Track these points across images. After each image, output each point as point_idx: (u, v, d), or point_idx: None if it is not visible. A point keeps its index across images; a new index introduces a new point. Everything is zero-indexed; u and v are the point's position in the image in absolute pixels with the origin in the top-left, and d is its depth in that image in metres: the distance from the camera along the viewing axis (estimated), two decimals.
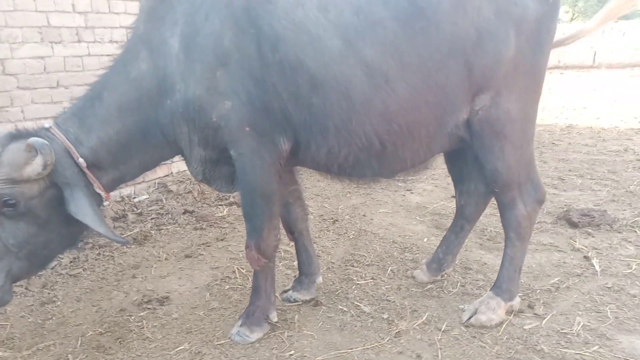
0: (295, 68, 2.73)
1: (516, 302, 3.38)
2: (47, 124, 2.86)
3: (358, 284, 3.88)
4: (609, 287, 3.73)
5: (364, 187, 5.90)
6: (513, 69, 2.93)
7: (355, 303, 3.60)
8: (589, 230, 4.76)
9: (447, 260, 3.81)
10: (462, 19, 2.77)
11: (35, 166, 2.60)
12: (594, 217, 4.93)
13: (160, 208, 5.37)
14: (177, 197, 5.67)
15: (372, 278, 3.97)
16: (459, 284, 3.83)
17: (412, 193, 5.99)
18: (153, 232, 4.86)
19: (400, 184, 6.17)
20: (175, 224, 5.08)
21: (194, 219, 5.22)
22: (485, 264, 4.19)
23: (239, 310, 3.55)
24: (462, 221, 3.73)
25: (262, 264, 3.18)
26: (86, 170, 2.81)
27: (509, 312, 3.36)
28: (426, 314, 3.42)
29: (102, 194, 2.94)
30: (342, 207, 5.56)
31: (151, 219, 5.16)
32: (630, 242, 4.53)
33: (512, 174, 3.11)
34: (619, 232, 4.74)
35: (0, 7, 4.36)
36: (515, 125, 3.03)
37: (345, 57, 2.70)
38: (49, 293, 3.83)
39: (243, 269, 4.15)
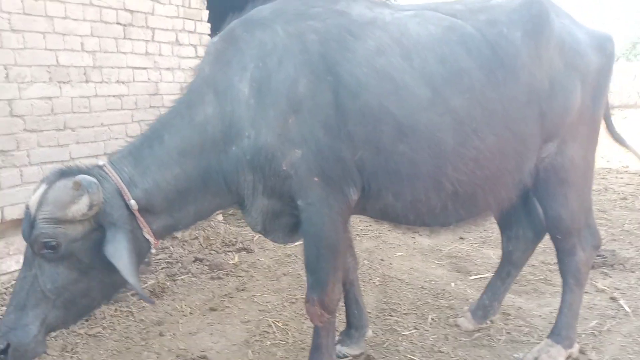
0: (379, 116, 2.66)
1: (575, 349, 3.36)
2: (101, 161, 2.63)
3: (403, 334, 3.75)
4: None
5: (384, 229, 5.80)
6: (578, 118, 3.00)
7: (409, 356, 3.47)
8: (605, 271, 4.88)
9: (494, 307, 3.77)
10: (537, 69, 2.82)
11: (81, 206, 2.37)
12: (606, 257, 5.06)
13: (168, 256, 5.06)
14: (183, 244, 5.38)
15: (415, 328, 3.85)
16: (504, 331, 3.78)
17: (420, 235, 5.96)
18: (168, 283, 4.54)
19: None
20: (188, 273, 4.79)
21: (207, 267, 4.94)
22: (520, 308, 4.17)
23: None
24: (510, 267, 3.71)
25: (325, 319, 3.00)
26: (137, 214, 2.57)
27: (569, 359, 3.33)
28: None
29: (151, 240, 2.68)
30: (358, 252, 5.40)
31: (162, 268, 4.84)
32: None
33: (574, 220, 3.15)
34: (633, 272, 4.88)
35: (10, 44, 4.07)
36: (578, 172, 3.08)
37: (434, 105, 2.67)
38: (71, 357, 3.47)
39: (278, 322, 3.93)
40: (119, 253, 2.41)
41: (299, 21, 2.75)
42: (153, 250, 2.75)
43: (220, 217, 6.18)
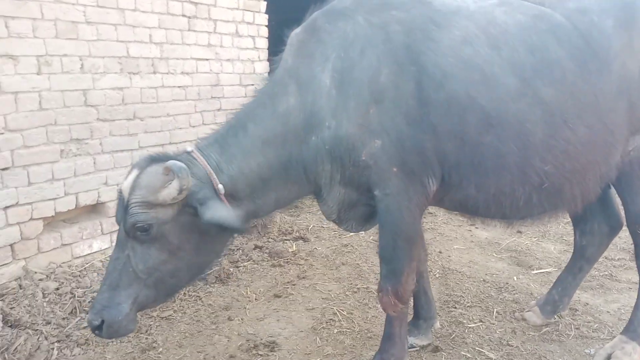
0: (465, 107, 2.64)
1: None
2: (189, 147, 2.72)
3: (469, 327, 3.74)
4: None
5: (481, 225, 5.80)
6: None
7: (477, 349, 3.46)
8: None
9: (564, 302, 3.72)
10: (629, 59, 2.75)
11: (172, 190, 2.45)
12: None
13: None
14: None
15: (481, 320, 3.84)
16: (573, 327, 3.73)
17: (476, 228, 5.91)
18: (232, 269, 4.65)
19: (461, 219, 6.08)
20: (250, 260, 4.88)
21: (267, 255, 5.03)
22: (587, 304, 4.10)
23: (356, 357, 3.40)
24: (582, 262, 3.65)
25: (398, 309, 3.03)
26: (223, 198, 2.62)
27: None
28: None
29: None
30: None
31: (224, 255, 4.95)
32: None
33: None
34: None
35: (85, 36, 4.21)
36: None
37: (523, 95, 2.63)
38: (146, 338, 3.61)
39: (343, 311, 3.98)
40: (219, 213, 2.50)
41: (381, 11, 2.76)
42: (235, 235, 2.83)
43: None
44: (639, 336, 3.24)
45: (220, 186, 2.61)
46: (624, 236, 5.41)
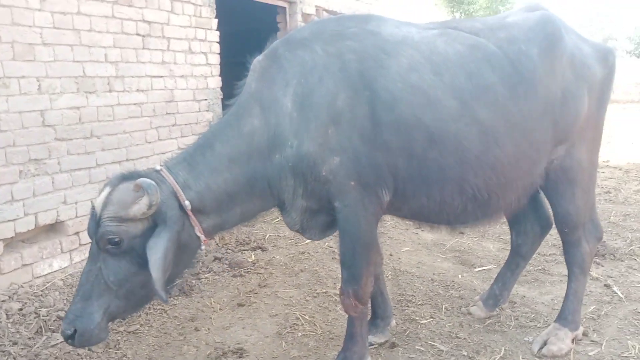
0: (413, 126, 2.95)
1: (580, 331, 3.72)
2: (158, 166, 2.92)
3: (421, 323, 4.07)
4: None
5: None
6: (585, 123, 3.35)
7: (429, 342, 3.79)
8: (597, 260, 5.27)
9: (504, 296, 4.11)
10: (552, 82, 3.15)
11: (141, 205, 2.63)
12: (598, 248, 5.45)
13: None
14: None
15: (431, 316, 4.18)
16: (513, 318, 4.13)
17: (422, 231, 6.30)
18: (194, 281, 4.79)
19: (408, 222, 6.46)
20: (211, 272, 5.03)
21: (227, 265, 5.19)
22: (524, 296, 4.53)
23: (321, 357, 3.63)
24: (518, 259, 4.06)
25: (359, 310, 3.30)
26: (190, 213, 2.83)
27: (573, 340, 3.69)
28: (502, 349, 3.67)
29: (202, 237, 2.94)
30: None
31: (193, 267, 5.06)
32: (635, 269, 5.08)
33: (580, 216, 3.50)
34: (622, 261, 5.30)
35: (42, 57, 4.25)
36: (585, 172, 3.43)
37: (462, 116, 2.98)
38: (116, 353, 3.69)
39: (305, 315, 4.21)
40: (156, 248, 2.63)
41: (337, 41, 3.04)
42: (203, 247, 3.01)
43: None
44: (569, 323, 3.66)
45: (186, 202, 2.81)
46: (554, 233, 5.97)
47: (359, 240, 3.17)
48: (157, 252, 2.62)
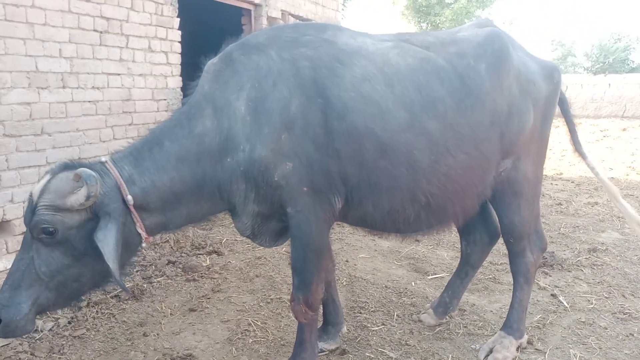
0: (363, 135, 2.99)
1: (524, 339, 3.82)
2: (103, 158, 2.85)
3: (373, 330, 4.11)
4: (583, 322, 4.33)
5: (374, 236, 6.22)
6: (530, 137, 3.46)
7: (380, 349, 3.83)
8: (545, 270, 5.44)
9: (453, 304, 4.19)
10: (499, 96, 3.25)
11: (79, 196, 2.58)
12: (546, 259, 5.63)
13: (141, 259, 5.19)
14: (155, 247, 5.51)
15: (383, 323, 4.22)
16: (462, 326, 4.22)
17: (379, 238, 6.36)
18: (145, 285, 4.69)
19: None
20: (163, 276, 4.95)
21: (180, 270, 5.12)
22: (474, 305, 4.63)
23: None
24: (467, 268, 4.15)
25: (309, 316, 3.31)
26: (132, 209, 2.78)
27: (518, 348, 3.79)
28: (448, 356, 3.74)
29: (143, 234, 2.88)
30: None
31: (137, 271, 4.97)
32: (581, 279, 5.26)
33: (525, 227, 3.61)
34: (569, 271, 5.47)
35: None
36: (530, 185, 3.54)
37: (412, 127, 3.03)
38: (59, 358, 3.59)
39: (257, 321, 4.19)
40: (107, 240, 2.59)
41: (292, 48, 3.04)
42: (144, 245, 2.95)
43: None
44: (514, 331, 3.76)
45: (129, 197, 2.77)
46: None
47: (310, 247, 3.18)
48: (109, 243, 2.57)
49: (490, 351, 3.71)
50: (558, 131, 16.05)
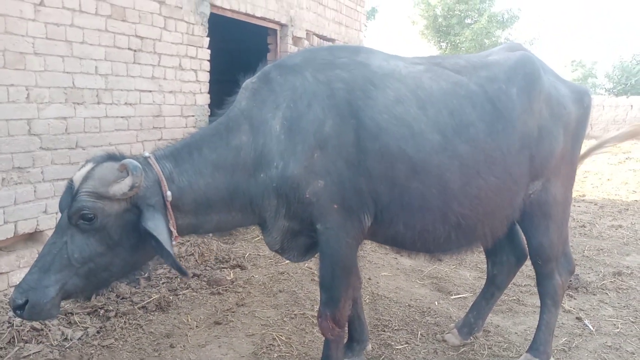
0: (396, 156, 3.04)
1: None
2: (146, 153, 2.97)
3: (397, 348, 4.11)
4: (609, 346, 4.28)
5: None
6: (560, 160, 3.48)
7: None
8: (570, 293, 5.40)
9: (479, 324, 4.18)
10: (530, 119, 3.28)
11: (123, 186, 2.66)
12: (571, 282, 5.58)
13: (167, 271, 5.27)
14: (180, 260, 5.59)
15: (407, 342, 4.22)
16: (486, 347, 4.20)
17: (401, 256, 6.37)
18: (172, 297, 4.77)
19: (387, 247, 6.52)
20: (188, 288, 5.02)
21: (205, 283, 5.19)
22: (498, 326, 4.61)
23: None
24: (494, 289, 4.15)
25: (336, 333, 3.34)
26: (168, 205, 2.86)
27: None
28: None
29: (174, 232, 2.93)
30: None
31: (163, 283, 5.06)
32: (606, 303, 5.20)
33: (554, 249, 3.61)
34: (594, 294, 5.42)
35: (32, 67, 4.28)
36: (559, 207, 3.55)
37: (444, 149, 3.08)
38: None
39: (281, 336, 4.22)
40: (159, 229, 2.70)
41: (327, 70, 3.13)
42: (173, 243, 2.97)
43: (211, 234, 6.42)
44: (541, 353, 3.74)
45: (168, 193, 2.85)
46: (529, 264, 6.08)
47: (339, 264, 3.22)
48: (162, 231, 2.69)
49: None
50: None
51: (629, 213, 9.31)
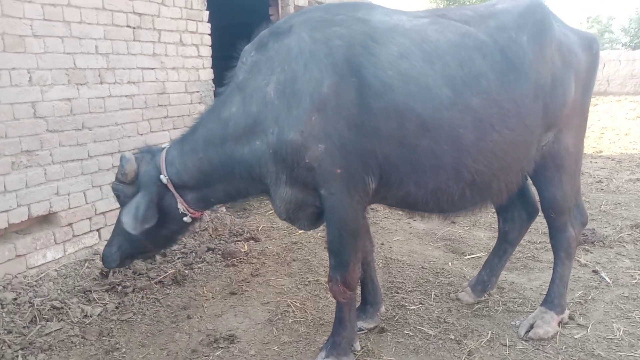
0: (404, 114, 2.97)
1: (566, 314, 3.78)
2: (165, 144, 3.54)
3: (411, 309, 4.13)
4: (627, 296, 4.25)
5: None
6: (572, 110, 3.39)
7: (418, 327, 3.85)
8: (587, 247, 5.35)
9: (492, 282, 4.17)
10: (542, 68, 3.19)
11: (120, 172, 3.33)
12: (587, 236, 5.52)
13: (182, 247, 5.33)
14: (194, 235, 5.65)
15: (421, 302, 4.24)
16: (501, 303, 4.20)
17: (415, 220, 6.36)
18: (187, 271, 4.83)
19: (400, 212, 6.50)
20: (204, 262, 5.08)
21: (220, 256, 5.24)
22: (513, 282, 4.59)
23: (311, 342, 3.68)
24: (506, 245, 4.11)
25: (347, 296, 3.35)
26: (170, 186, 3.31)
27: (559, 324, 3.75)
28: (489, 333, 3.73)
29: (182, 208, 3.38)
30: None
31: (178, 258, 5.12)
32: (624, 255, 5.15)
33: (567, 201, 3.55)
34: (611, 247, 5.36)
35: (32, 49, 4.27)
36: (571, 158, 3.48)
37: (455, 104, 2.99)
38: (109, 341, 3.75)
39: (296, 302, 4.26)
40: (133, 203, 3.22)
41: (324, 28, 3.06)
42: (188, 219, 3.44)
43: (224, 209, 6.47)
44: (555, 306, 3.73)
45: (162, 176, 3.30)
46: (543, 221, 6.04)
47: (346, 228, 3.21)
48: (133, 206, 3.22)
49: (531, 327, 3.69)
50: (597, 109, 15.70)
51: None
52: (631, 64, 22.68)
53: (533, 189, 3.91)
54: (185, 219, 3.42)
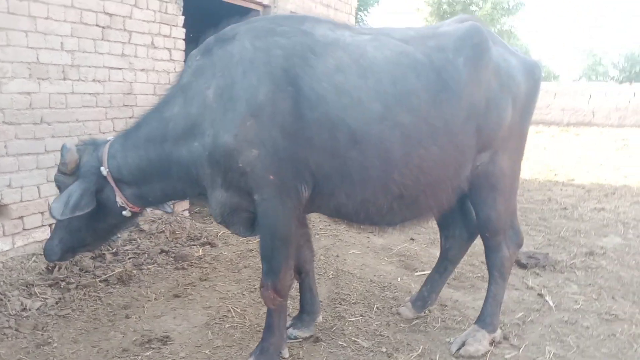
0: (336, 125, 3.04)
1: (498, 333, 3.82)
2: (109, 137, 3.49)
3: (350, 320, 4.15)
4: (566, 321, 4.30)
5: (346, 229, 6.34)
6: (508, 132, 3.46)
7: (353, 339, 3.87)
8: (537, 271, 5.41)
9: (432, 298, 4.20)
10: (476, 90, 3.26)
11: (62, 162, 3.29)
12: (539, 259, 5.59)
13: (135, 247, 5.34)
14: (150, 237, 5.66)
15: (361, 315, 4.26)
16: (440, 320, 4.23)
17: (374, 235, 6.40)
18: (135, 272, 4.83)
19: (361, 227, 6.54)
20: (154, 263, 5.09)
21: (172, 259, 5.25)
22: (457, 301, 4.63)
23: (244, 348, 3.69)
24: (446, 262, 4.16)
25: (277, 302, 3.38)
26: (109, 178, 3.30)
27: (491, 343, 3.79)
28: (420, 347, 3.76)
29: (120, 202, 3.37)
30: (316, 248, 5.75)
31: (129, 258, 5.12)
32: (572, 281, 5.21)
33: (501, 221, 3.61)
34: (562, 273, 5.42)
35: None
36: (506, 180, 3.55)
37: (385, 119, 3.06)
38: (42, 334, 3.74)
39: (237, 308, 4.28)
40: (66, 192, 3.19)
41: (266, 37, 3.13)
42: (127, 214, 3.42)
43: (186, 213, 6.49)
44: (487, 325, 3.77)
45: (102, 168, 3.29)
46: None
47: (277, 234, 3.25)
48: (65, 194, 3.19)
49: (463, 344, 3.72)
50: (580, 139, 15.97)
51: (615, 197, 9.26)
52: (616, 97, 23.11)
53: None
54: (124, 212, 3.40)
